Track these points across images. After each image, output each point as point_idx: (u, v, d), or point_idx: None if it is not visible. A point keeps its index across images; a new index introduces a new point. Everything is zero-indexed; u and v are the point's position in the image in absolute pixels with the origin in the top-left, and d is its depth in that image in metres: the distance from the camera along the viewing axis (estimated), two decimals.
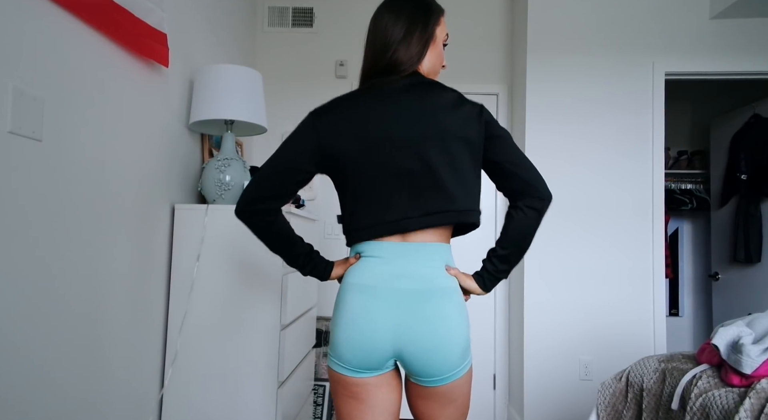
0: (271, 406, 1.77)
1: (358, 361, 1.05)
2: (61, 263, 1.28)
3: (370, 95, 1.11)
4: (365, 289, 1.05)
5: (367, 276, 1.06)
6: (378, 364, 1.06)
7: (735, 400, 1.38)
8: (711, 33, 2.69)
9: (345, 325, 1.06)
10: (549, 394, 2.61)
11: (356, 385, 1.07)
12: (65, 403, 1.31)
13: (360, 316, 1.04)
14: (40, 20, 1.19)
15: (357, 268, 1.09)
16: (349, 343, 1.05)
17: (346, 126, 1.08)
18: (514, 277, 2.87)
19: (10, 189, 1.11)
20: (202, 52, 2.19)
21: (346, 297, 1.07)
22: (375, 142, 1.07)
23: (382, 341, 1.03)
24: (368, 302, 1.04)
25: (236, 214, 1.11)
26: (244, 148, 2.69)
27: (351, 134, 1.07)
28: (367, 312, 1.04)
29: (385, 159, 1.06)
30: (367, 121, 1.07)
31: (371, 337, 1.03)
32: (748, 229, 3.08)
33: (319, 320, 2.91)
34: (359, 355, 1.05)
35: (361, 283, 1.06)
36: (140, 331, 1.68)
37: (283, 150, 1.11)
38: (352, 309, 1.05)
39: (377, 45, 1.13)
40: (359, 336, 1.04)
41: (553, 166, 2.68)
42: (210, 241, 1.82)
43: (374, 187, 1.07)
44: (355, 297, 1.06)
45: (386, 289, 1.04)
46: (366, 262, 1.08)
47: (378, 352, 1.04)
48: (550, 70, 2.71)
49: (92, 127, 1.40)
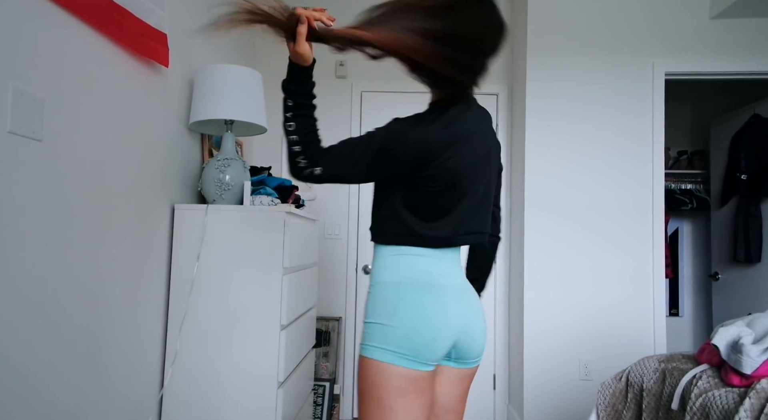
0: (271, 407, 1.77)
1: (432, 354, 1.06)
2: (61, 263, 1.28)
3: (467, 110, 1.12)
4: (431, 286, 1.09)
5: (426, 274, 1.10)
6: (445, 355, 1.11)
7: (735, 400, 1.38)
8: (711, 33, 2.69)
9: (433, 324, 1.06)
10: (549, 394, 2.61)
11: (424, 379, 1.06)
12: (65, 402, 1.31)
13: (434, 310, 1.07)
14: (40, 20, 1.19)
15: (414, 268, 1.10)
16: (438, 340, 1.06)
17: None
18: (514, 277, 2.87)
19: (10, 189, 1.11)
20: (202, 52, 2.19)
21: (412, 294, 1.07)
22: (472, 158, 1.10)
23: (452, 331, 1.08)
24: (436, 297, 1.08)
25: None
26: (244, 148, 2.69)
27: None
28: (440, 305, 1.07)
29: (472, 179, 1.10)
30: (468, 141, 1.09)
31: (446, 326, 1.07)
32: (748, 229, 3.08)
33: (319, 320, 2.92)
34: (435, 348, 1.06)
35: (426, 281, 1.09)
36: (140, 331, 1.68)
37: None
38: (439, 308, 1.07)
39: (476, 47, 1.05)
40: (434, 328, 1.06)
41: (553, 166, 2.68)
42: (210, 241, 1.82)
43: (456, 202, 1.11)
44: (426, 294, 1.08)
45: (445, 286, 1.10)
46: (421, 261, 1.11)
47: (449, 341, 1.08)
48: (550, 70, 2.71)
49: (92, 127, 1.40)
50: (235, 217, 1.82)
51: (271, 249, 1.81)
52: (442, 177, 1.06)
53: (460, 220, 1.12)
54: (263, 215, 1.82)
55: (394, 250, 1.13)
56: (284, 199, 2.04)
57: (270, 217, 1.82)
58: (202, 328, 1.79)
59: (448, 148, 1.05)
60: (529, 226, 2.67)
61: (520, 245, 2.76)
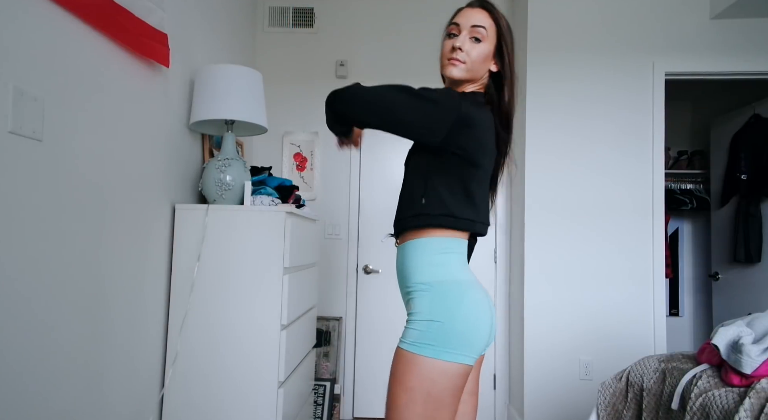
0: (271, 406, 1.77)
1: (482, 349, 1.13)
2: (61, 263, 1.28)
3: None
4: (476, 283, 1.17)
5: (468, 271, 1.18)
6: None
7: (735, 400, 1.38)
8: (711, 33, 2.69)
9: (484, 319, 1.11)
10: (549, 394, 2.61)
11: (469, 372, 1.12)
12: (66, 402, 1.31)
13: (484, 306, 1.13)
14: (40, 20, 1.19)
15: (464, 266, 1.18)
16: (487, 334, 1.12)
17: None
18: (515, 277, 2.87)
19: (11, 189, 1.11)
20: (202, 52, 2.19)
21: (468, 292, 1.13)
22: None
23: (493, 324, 1.15)
24: (483, 293, 1.15)
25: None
26: (244, 148, 2.70)
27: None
28: (486, 301, 1.14)
29: (489, 164, 1.22)
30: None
31: (492, 321, 1.14)
32: (748, 229, 3.08)
33: (319, 320, 2.92)
34: (485, 343, 1.12)
35: (472, 280, 1.17)
36: (140, 331, 1.68)
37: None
38: (485, 304, 1.13)
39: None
40: (487, 325, 1.12)
41: (553, 166, 2.68)
42: (210, 241, 1.82)
43: (482, 187, 1.22)
44: (476, 292, 1.14)
45: (477, 281, 1.19)
46: (462, 258, 1.18)
47: (492, 334, 1.16)
48: (550, 69, 2.71)
49: (92, 127, 1.40)
50: (235, 217, 1.82)
51: (271, 249, 1.81)
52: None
53: (484, 207, 1.23)
54: (264, 215, 1.83)
55: (438, 247, 1.16)
56: (285, 199, 2.04)
57: (270, 217, 1.82)
58: (202, 328, 1.79)
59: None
60: (529, 226, 2.67)
61: (520, 245, 2.76)
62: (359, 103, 1.12)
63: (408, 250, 1.19)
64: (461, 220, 1.15)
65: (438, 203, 1.15)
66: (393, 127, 1.12)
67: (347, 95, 1.13)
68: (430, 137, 1.12)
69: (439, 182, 1.15)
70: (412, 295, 1.16)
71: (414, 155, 1.23)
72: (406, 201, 1.21)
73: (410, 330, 1.11)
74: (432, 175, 1.16)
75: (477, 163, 1.16)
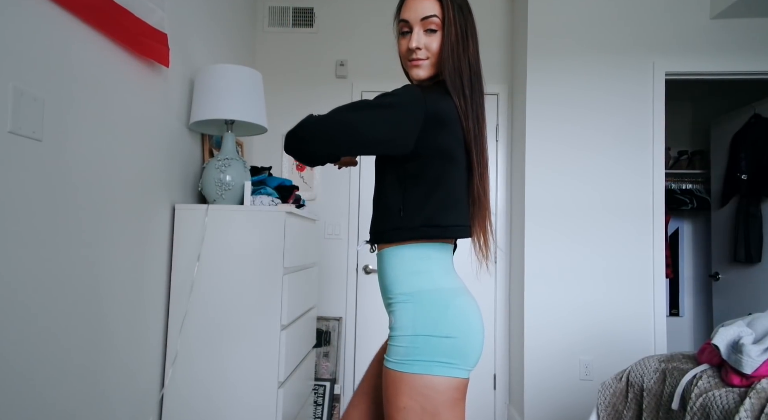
0: (271, 406, 1.77)
1: (477, 358, 1.07)
2: (61, 263, 1.28)
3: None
4: (462, 290, 1.10)
5: (453, 278, 1.11)
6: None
7: (735, 400, 1.38)
8: (711, 33, 2.69)
9: (474, 327, 1.06)
10: (549, 394, 2.61)
11: (467, 384, 1.08)
12: (66, 402, 1.31)
13: (472, 313, 1.08)
14: (40, 20, 1.19)
15: (449, 273, 1.11)
16: (479, 343, 1.07)
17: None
18: (515, 277, 2.87)
19: (10, 189, 1.11)
20: (202, 52, 2.19)
21: (454, 301, 1.07)
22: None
23: (483, 330, 1.10)
24: (470, 300, 1.09)
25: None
26: (244, 148, 2.70)
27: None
28: (474, 307, 1.09)
29: (462, 154, 1.12)
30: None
31: (482, 327, 1.09)
32: (748, 229, 3.08)
33: (319, 320, 2.92)
34: (478, 351, 1.08)
35: (457, 286, 1.10)
36: (140, 331, 1.68)
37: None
38: (473, 311, 1.08)
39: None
40: (478, 332, 1.07)
41: (553, 166, 2.68)
42: (210, 241, 1.82)
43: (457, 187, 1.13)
44: (463, 299, 1.08)
45: (464, 286, 1.13)
46: (445, 264, 1.12)
47: (483, 341, 1.11)
48: (551, 70, 2.71)
49: (92, 127, 1.40)
50: (235, 217, 1.82)
51: (271, 249, 1.81)
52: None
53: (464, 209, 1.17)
54: (263, 215, 1.82)
55: (418, 254, 1.09)
56: (284, 199, 2.04)
57: (270, 217, 1.82)
58: (202, 328, 1.79)
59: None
60: (529, 226, 2.67)
61: (520, 245, 2.76)
62: (318, 137, 1.02)
63: (386, 258, 1.12)
64: (444, 228, 1.08)
65: (417, 214, 1.07)
66: (363, 148, 1.04)
67: (305, 132, 1.03)
68: (403, 147, 1.04)
69: (416, 191, 1.08)
70: (394, 307, 1.09)
71: (386, 161, 1.13)
72: (383, 213, 1.12)
73: (395, 347, 1.05)
74: (408, 184, 1.08)
75: (452, 157, 1.09)
